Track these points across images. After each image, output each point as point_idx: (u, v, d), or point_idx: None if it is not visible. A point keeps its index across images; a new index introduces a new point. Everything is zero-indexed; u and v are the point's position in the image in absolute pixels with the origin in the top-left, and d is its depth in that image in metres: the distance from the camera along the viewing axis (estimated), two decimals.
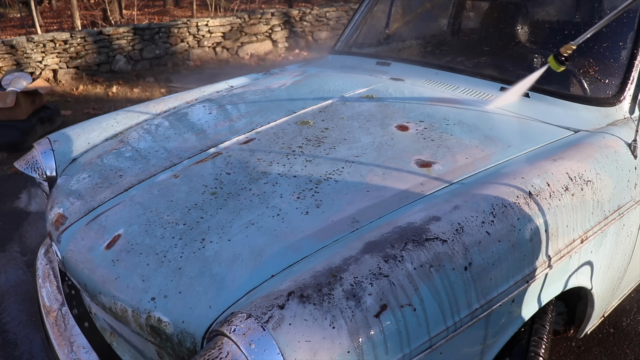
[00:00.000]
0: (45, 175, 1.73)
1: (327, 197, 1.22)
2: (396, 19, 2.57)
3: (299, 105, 1.77)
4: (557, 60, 1.53)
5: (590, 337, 1.97)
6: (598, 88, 1.62)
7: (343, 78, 2.07)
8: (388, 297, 0.90)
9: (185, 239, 1.15)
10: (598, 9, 1.82)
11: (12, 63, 5.89)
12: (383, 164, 1.34)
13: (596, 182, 1.30)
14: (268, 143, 1.51)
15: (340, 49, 2.47)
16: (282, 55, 7.65)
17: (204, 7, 11.59)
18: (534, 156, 1.33)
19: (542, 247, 1.14)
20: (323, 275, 0.93)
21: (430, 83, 1.88)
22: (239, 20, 7.44)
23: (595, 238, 1.29)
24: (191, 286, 1.03)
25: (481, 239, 1.05)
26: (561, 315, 1.55)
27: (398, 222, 1.07)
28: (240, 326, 0.85)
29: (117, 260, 1.16)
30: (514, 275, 1.08)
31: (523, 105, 1.63)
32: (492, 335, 1.07)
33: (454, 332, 0.96)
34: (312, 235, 1.10)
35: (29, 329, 2.12)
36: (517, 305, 1.10)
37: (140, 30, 6.72)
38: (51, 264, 1.64)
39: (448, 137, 1.46)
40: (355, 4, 8.97)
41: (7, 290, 2.37)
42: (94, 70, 6.46)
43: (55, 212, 1.44)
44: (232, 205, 1.23)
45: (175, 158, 1.52)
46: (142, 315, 1.03)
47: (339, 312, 0.87)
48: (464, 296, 0.98)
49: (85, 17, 10.06)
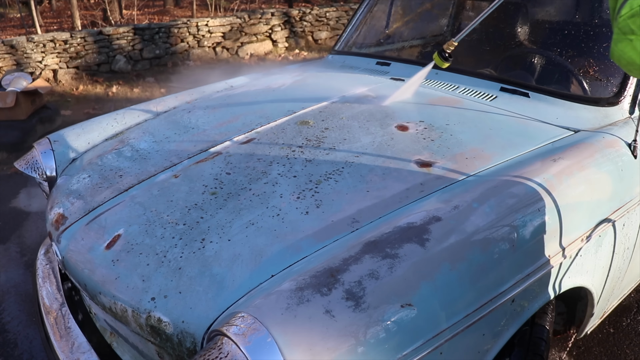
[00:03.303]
0: (45, 175, 1.73)
1: (327, 197, 1.22)
2: (396, 19, 2.57)
3: (299, 105, 1.77)
4: (442, 56, 1.61)
5: (590, 337, 1.97)
6: (598, 88, 1.62)
7: (343, 78, 2.07)
8: (388, 297, 0.90)
9: (185, 239, 1.15)
10: (598, 9, 1.82)
11: (12, 63, 5.89)
12: (383, 164, 1.34)
13: (596, 182, 1.30)
14: (268, 143, 1.51)
15: (340, 49, 2.47)
16: (282, 55, 7.64)
17: (204, 7, 11.59)
18: (534, 156, 1.33)
19: (542, 247, 1.14)
20: (323, 275, 0.93)
21: (431, 83, 1.88)
22: (239, 20, 7.44)
23: (595, 238, 1.29)
24: (191, 286, 1.03)
25: (481, 238, 1.05)
26: (561, 315, 1.55)
27: (398, 222, 1.08)
28: (240, 326, 0.85)
29: (117, 260, 1.16)
30: (514, 275, 1.08)
31: (523, 105, 1.63)
32: (492, 336, 1.07)
33: (454, 332, 0.96)
34: (312, 235, 1.10)
35: (29, 329, 2.12)
36: (517, 305, 1.10)
37: (140, 30, 6.72)
38: (51, 264, 1.64)
39: (448, 137, 1.46)
40: (355, 4, 8.97)
41: (7, 290, 2.37)
42: (94, 70, 6.46)
43: (55, 212, 1.44)
44: (232, 205, 1.23)
45: (175, 158, 1.52)
46: (142, 315, 1.03)
47: (339, 312, 0.87)
48: (464, 296, 0.98)
49: (85, 17, 10.06)
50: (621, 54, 0.83)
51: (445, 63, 1.61)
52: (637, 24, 0.78)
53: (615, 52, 0.84)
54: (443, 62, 1.61)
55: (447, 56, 1.60)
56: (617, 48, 0.83)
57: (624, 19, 0.80)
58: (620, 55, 0.84)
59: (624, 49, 0.82)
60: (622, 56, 0.83)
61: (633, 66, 0.83)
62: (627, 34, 0.80)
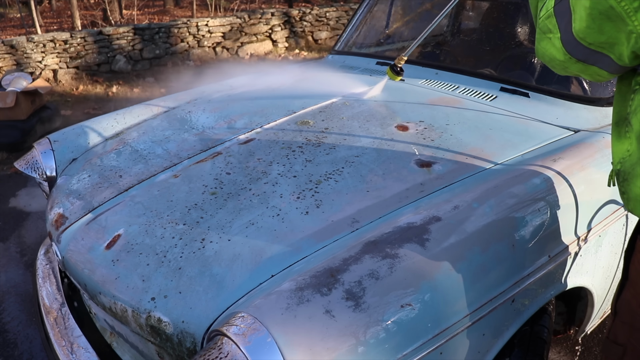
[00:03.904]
0: (45, 175, 1.73)
1: (327, 197, 1.22)
2: (396, 19, 2.57)
3: (299, 105, 1.77)
4: (394, 71, 1.72)
5: (590, 337, 1.97)
6: (598, 88, 1.62)
7: (343, 78, 2.06)
8: (388, 297, 0.90)
9: (185, 239, 1.15)
10: None
11: (12, 63, 5.89)
12: (383, 164, 1.34)
13: (596, 182, 1.30)
14: (268, 143, 1.51)
15: (340, 49, 2.47)
16: (282, 55, 7.64)
17: (204, 7, 11.59)
18: (534, 156, 1.33)
19: (542, 247, 1.14)
20: (323, 275, 0.93)
21: (430, 83, 1.88)
22: (239, 20, 7.44)
23: (596, 238, 1.29)
24: (191, 286, 1.03)
25: (481, 238, 1.05)
26: (561, 315, 1.55)
27: (398, 222, 1.08)
28: (240, 326, 0.85)
29: (117, 260, 1.16)
30: (514, 275, 1.08)
31: (523, 105, 1.63)
32: (492, 336, 1.07)
33: (454, 332, 0.96)
34: (312, 235, 1.10)
35: (29, 329, 2.12)
36: (517, 305, 1.10)
37: (140, 30, 6.72)
38: (51, 264, 1.64)
39: (448, 137, 1.46)
40: (355, 4, 8.97)
41: (7, 290, 2.37)
42: (94, 70, 6.46)
43: (55, 212, 1.44)
44: (232, 205, 1.23)
45: (175, 158, 1.52)
46: (142, 315, 1.03)
47: (339, 312, 0.87)
48: (464, 296, 0.98)
49: (85, 17, 10.06)
50: (544, 51, 0.90)
51: (397, 77, 1.72)
52: (553, 23, 0.86)
53: (539, 50, 0.92)
54: (395, 76, 1.73)
55: (399, 70, 1.70)
56: (540, 46, 0.91)
57: (542, 19, 0.88)
58: (543, 53, 0.91)
59: (545, 47, 0.89)
60: (545, 53, 0.91)
61: (555, 62, 0.90)
62: (546, 32, 0.88)
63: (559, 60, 0.88)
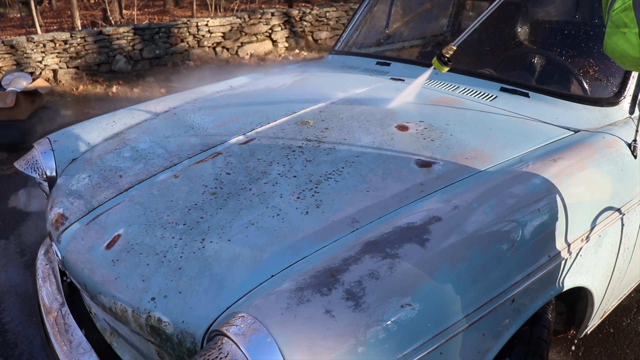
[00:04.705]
0: (45, 175, 1.73)
1: (327, 197, 1.22)
2: (396, 19, 2.57)
3: (299, 105, 1.76)
4: (441, 61, 1.60)
5: (590, 337, 1.97)
6: (598, 88, 1.62)
7: (343, 78, 2.07)
8: (388, 297, 0.90)
9: (185, 239, 1.15)
10: (598, 9, 1.82)
11: (12, 63, 5.89)
12: (383, 164, 1.34)
13: (596, 182, 1.30)
14: (268, 143, 1.51)
15: (340, 49, 2.47)
16: (282, 55, 7.64)
17: (204, 7, 11.59)
18: (534, 156, 1.33)
19: (542, 247, 1.14)
20: (323, 275, 0.93)
21: (430, 83, 1.88)
22: (239, 20, 7.44)
23: (596, 238, 1.29)
24: (191, 286, 1.03)
25: (481, 238, 1.05)
26: (561, 315, 1.55)
27: (398, 222, 1.08)
28: (240, 326, 0.85)
29: (117, 260, 1.16)
30: (514, 275, 1.08)
31: (523, 105, 1.63)
32: (492, 335, 1.07)
33: (454, 332, 0.96)
34: (312, 235, 1.10)
35: (29, 329, 2.12)
36: (517, 305, 1.10)
37: (140, 30, 6.72)
38: (51, 264, 1.64)
39: (448, 137, 1.46)
40: (355, 4, 8.97)
41: (7, 290, 2.37)
42: (94, 70, 6.46)
43: (55, 212, 1.44)
44: (232, 205, 1.23)
45: (175, 158, 1.52)
46: (142, 315, 1.03)
47: (339, 312, 0.87)
48: (464, 296, 0.98)
49: (85, 17, 10.06)
50: (614, 46, 0.85)
51: (444, 68, 1.61)
52: (630, 17, 0.80)
53: (609, 45, 0.86)
54: (442, 67, 1.61)
55: (447, 60, 1.59)
56: (611, 41, 0.85)
57: (617, 12, 0.82)
58: (613, 48, 0.85)
59: (617, 42, 0.84)
60: (615, 49, 0.85)
61: (626, 58, 0.84)
62: (620, 27, 0.82)
63: (633, 57, 0.82)
